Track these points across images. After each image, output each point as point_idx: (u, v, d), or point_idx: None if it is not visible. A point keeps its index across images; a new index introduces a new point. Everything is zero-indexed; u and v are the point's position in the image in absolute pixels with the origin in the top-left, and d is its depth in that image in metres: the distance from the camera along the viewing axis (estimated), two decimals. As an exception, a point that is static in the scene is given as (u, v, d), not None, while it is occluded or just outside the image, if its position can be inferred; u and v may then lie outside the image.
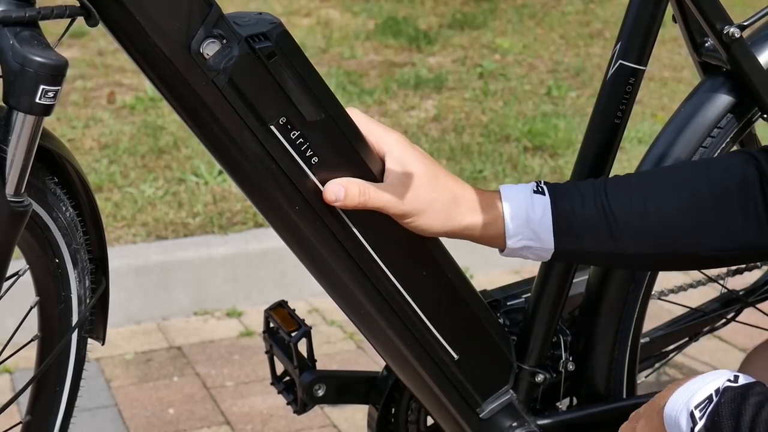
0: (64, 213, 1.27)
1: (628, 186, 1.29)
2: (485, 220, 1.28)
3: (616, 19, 5.01)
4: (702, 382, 1.08)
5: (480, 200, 1.28)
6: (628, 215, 1.27)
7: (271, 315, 1.53)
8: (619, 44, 1.48)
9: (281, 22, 1.19)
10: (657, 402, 1.12)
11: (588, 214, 1.27)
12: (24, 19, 1.06)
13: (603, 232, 1.27)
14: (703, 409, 1.05)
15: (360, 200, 1.22)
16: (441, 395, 1.42)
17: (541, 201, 1.28)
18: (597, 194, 1.28)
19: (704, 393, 1.06)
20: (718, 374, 1.09)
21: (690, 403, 1.07)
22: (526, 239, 1.28)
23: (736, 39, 1.49)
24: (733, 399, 1.04)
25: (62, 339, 1.35)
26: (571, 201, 1.28)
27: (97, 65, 4.25)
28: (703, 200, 1.26)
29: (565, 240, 1.28)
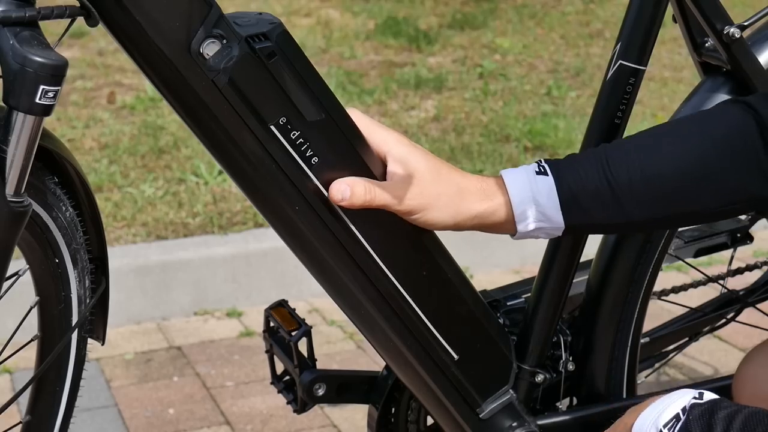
0: (64, 213, 1.27)
1: (629, 152, 1.28)
2: (493, 208, 1.28)
3: (616, 19, 5.01)
4: (669, 401, 1.08)
5: (485, 189, 1.28)
6: (633, 182, 1.26)
7: (272, 314, 1.53)
8: (620, 44, 1.48)
9: (281, 22, 1.19)
10: (622, 425, 1.13)
11: (593, 187, 1.26)
12: (24, 19, 1.06)
13: (610, 202, 1.26)
14: (672, 428, 1.06)
15: (366, 199, 1.21)
16: (441, 395, 1.42)
17: (545, 182, 1.27)
18: (599, 165, 1.27)
19: (671, 412, 1.07)
20: (683, 393, 1.09)
21: (658, 423, 1.07)
22: (536, 221, 1.28)
23: (736, 39, 1.49)
24: (702, 415, 1.04)
25: (62, 339, 1.35)
26: (575, 176, 1.27)
27: (97, 65, 4.25)
28: (706, 157, 1.25)
29: (574, 215, 1.27)
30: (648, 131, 1.31)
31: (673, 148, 1.27)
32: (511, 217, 1.28)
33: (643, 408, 1.11)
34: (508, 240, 2.89)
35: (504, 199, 1.28)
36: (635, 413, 1.12)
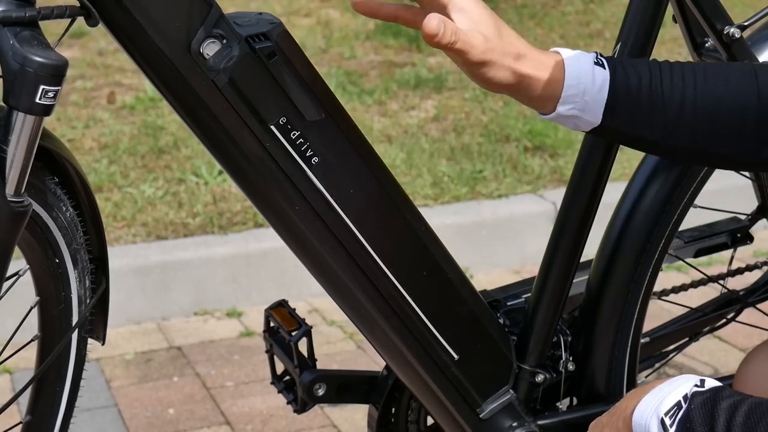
0: (64, 213, 1.27)
1: (683, 77, 1.26)
2: (544, 81, 1.24)
3: (616, 19, 5.01)
4: (669, 387, 1.07)
5: (542, 60, 1.25)
6: (680, 106, 1.24)
7: (272, 314, 1.53)
8: (620, 44, 1.48)
9: (281, 22, 1.19)
10: (621, 410, 1.12)
11: (642, 97, 1.24)
12: (24, 19, 1.06)
13: (653, 117, 1.24)
14: (673, 416, 1.05)
15: (452, 39, 1.17)
16: (441, 395, 1.42)
17: (601, 74, 1.25)
18: (653, 78, 1.25)
19: (672, 399, 1.06)
20: (684, 379, 1.08)
21: (659, 410, 1.06)
22: (577, 109, 1.25)
23: (736, 39, 1.49)
24: (704, 404, 1.04)
25: (62, 339, 1.35)
26: (629, 80, 1.25)
27: (97, 65, 4.25)
28: (749, 110, 1.24)
29: (614, 117, 1.25)
30: (706, 65, 1.30)
31: (725, 90, 1.25)
32: (557, 95, 1.24)
33: (643, 393, 1.10)
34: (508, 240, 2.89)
35: (558, 76, 1.24)
36: (635, 398, 1.11)
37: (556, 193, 3.16)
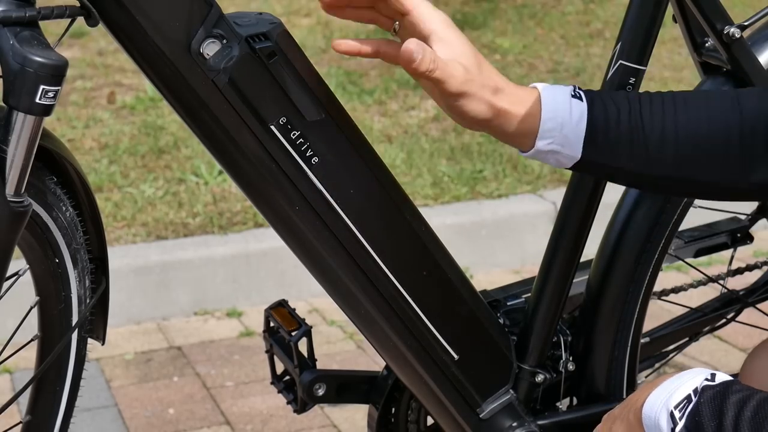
0: (64, 213, 1.27)
1: (663, 107, 1.26)
2: (521, 116, 1.24)
3: (616, 19, 5.01)
4: (679, 381, 1.07)
5: (519, 95, 1.25)
6: (661, 137, 1.24)
7: (272, 314, 1.53)
8: (620, 44, 1.48)
9: (281, 22, 1.19)
10: (633, 402, 1.12)
11: (622, 129, 1.23)
12: (24, 19, 1.06)
13: (634, 149, 1.24)
14: (683, 409, 1.04)
15: (431, 67, 1.16)
16: (441, 395, 1.42)
17: (578, 106, 1.24)
18: (633, 110, 1.25)
19: (683, 393, 1.05)
20: (695, 373, 1.08)
21: (669, 404, 1.06)
22: (556, 143, 1.24)
23: (736, 39, 1.49)
24: (713, 398, 1.03)
25: (62, 339, 1.35)
26: (607, 112, 1.24)
27: (97, 65, 4.25)
28: (732, 135, 1.23)
29: (594, 150, 1.24)
30: (685, 94, 1.30)
31: (707, 119, 1.25)
32: (534, 130, 1.23)
33: (653, 387, 1.10)
34: (508, 240, 2.90)
35: (535, 111, 1.24)
36: (646, 391, 1.10)
37: (556, 193, 3.16)
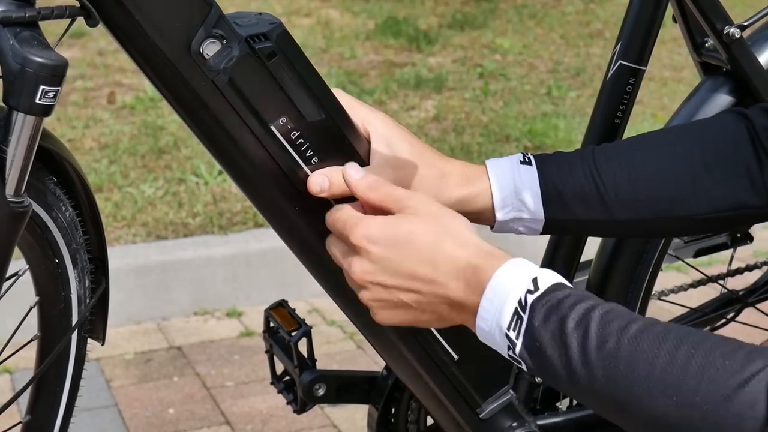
0: (64, 213, 1.27)
1: (617, 152, 1.27)
2: (473, 193, 1.26)
3: (616, 19, 5.01)
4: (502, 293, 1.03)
5: (467, 174, 1.26)
6: (618, 181, 1.25)
7: (272, 314, 1.53)
8: (620, 44, 1.48)
9: (281, 22, 1.19)
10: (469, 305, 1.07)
11: (577, 182, 1.25)
12: (24, 19, 1.06)
13: (593, 200, 1.25)
14: (516, 328, 1.02)
15: (345, 188, 1.18)
16: (441, 395, 1.42)
17: (528, 171, 1.26)
18: (585, 162, 1.26)
19: (509, 310, 1.02)
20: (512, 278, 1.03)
21: (501, 324, 1.03)
22: (515, 210, 1.26)
23: (736, 39, 1.49)
24: (546, 317, 0.99)
25: (62, 339, 1.35)
26: (559, 169, 1.26)
27: (97, 65, 4.25)
28: (695, 163, 1.24)
29: (556, 210, 1.26)
30: (638, 135, 1.31)
31: (662, 151, 1.26)
32: (490, 204, 1.26)
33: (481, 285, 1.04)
34: (508, 240, 2.90)
35: (485, 185, 1.26)
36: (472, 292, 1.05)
37: (556, 193, 3.16)
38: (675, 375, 0.92)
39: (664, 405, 0.92)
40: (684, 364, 0.92)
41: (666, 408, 0.92)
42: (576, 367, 0.97)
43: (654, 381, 0.93)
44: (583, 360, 0.96)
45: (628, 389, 0.94)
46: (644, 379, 0.93)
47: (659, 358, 0.93)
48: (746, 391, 0.89)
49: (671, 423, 0.92)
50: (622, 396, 0.95)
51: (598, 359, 0.96)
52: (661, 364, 0.93)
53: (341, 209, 1.14)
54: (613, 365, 0.95)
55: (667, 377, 0.92)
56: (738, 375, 0.90)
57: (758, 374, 0.89)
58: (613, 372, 0.95)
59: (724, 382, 0.90)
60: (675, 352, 0.93)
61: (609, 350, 0.95)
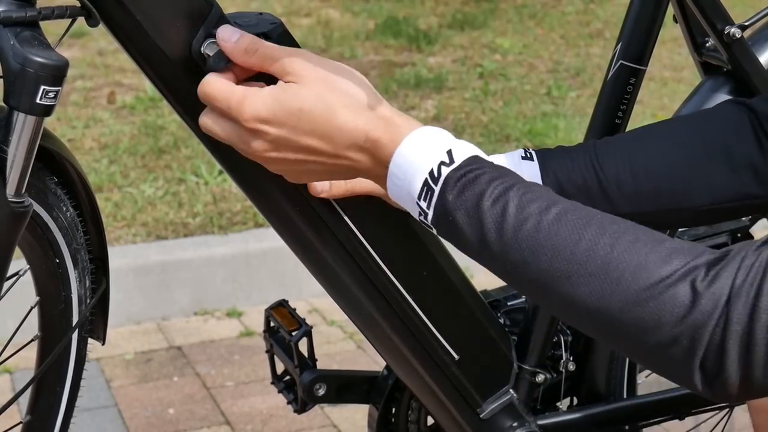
0: (65, 213, 1.27)
1: (619, 146, 1.26)
2: None
3: (616, 19, 5.01)
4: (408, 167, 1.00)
5: None
6: (620, 174, 1.24)
7: (272, 314, 1.53)
8: (620, 44, 1.48)
9: (282, 22, 1.19)
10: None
11: (579, 176, 1.24)
12: (24, 19, 1.06)
13: (595, 193, 1.24)
14: (428, 199, 0.99)
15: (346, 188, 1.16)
16: (441, 395, 1.42)
17: (529, 166, 1.24)
18: (587, 155, 1.25)
19: (419, 180, 0.99)
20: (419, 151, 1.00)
21: (412, 192, 1.00)
22: None
23: (736, 39, 1.49)
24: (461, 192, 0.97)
25: (63, 339, 1.35)
26: (561, 163, 1.24)
27: (97, 65, 4.25)
28: (697, 154, 1.23)
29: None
30: (640, 128, 1.30)
31: (664, 143, 1.25)
32: None
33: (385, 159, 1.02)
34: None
35: None
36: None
37: (556, 193, 3.16)
38: (596, 264, 0.90)
39: (583, 292, 0.90)
40: (606, 254, 0.90)
41: (584, 296, 0.90)
42: (491, 245, 0.95)
43: (574, 268, 0.91)
44: (499, 240, 0.94)
45: (545, 273, 0.92)
46: (564, 264, 0.91)
47: (580, 244, 0.91)
48: (666, 284, 0.87)
49: (589, 309, 0.90)
50: (538, 278, 0.93)
51: (515, 240, 0.93)
52: (582, 251, 0.91)
53: (215, 82, 1.07)
54: (530, 248, 0.93)
55: (588, 265, 0.90)
56: (660, 269, 0.88)
57: (680, 270, 0.88)
58: (529, 255, 0.93)
59: (646, 274, 0.88)
60: (597, 240, 0.91)
61: (527, 232, 0.93)
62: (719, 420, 1.83)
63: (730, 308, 0.85)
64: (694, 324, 0.86)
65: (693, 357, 0.86)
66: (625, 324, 0.88)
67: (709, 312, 0.85)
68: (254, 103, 1.05)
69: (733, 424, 2.05)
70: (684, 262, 0.89)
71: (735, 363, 0.85)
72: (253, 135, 1.06)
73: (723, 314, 0.85)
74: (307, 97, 1.04)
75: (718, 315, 0.85)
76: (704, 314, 0.86)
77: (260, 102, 1.05)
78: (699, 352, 0.86)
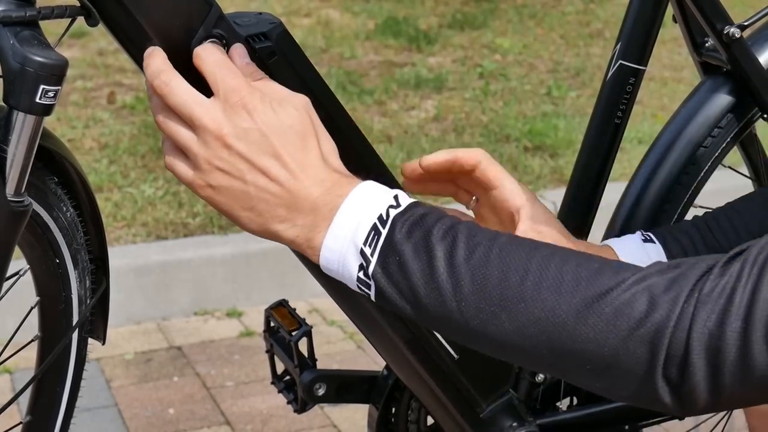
0: (65, 213, 1.27)
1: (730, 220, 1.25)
2: None
3: (616, 19, 5.01)
4: (361, 208, 0.97)
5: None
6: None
7: (272, 314, 1.53)
8: (620, 44, 1.48)
9: (281, 22, 1.19)
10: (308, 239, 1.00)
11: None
12: (24, 18, 1.06)
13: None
14: (373, 245, 0.96)
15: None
16: (441, 395, 1.42)
17: (654, 250, 1.23)
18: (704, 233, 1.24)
19: (367, 224, 0.97)
20: (372, 194, 0.98)
21: (356, 240, 0.97)
22: None
23: (736, 39, 1.49)
24: (410, 231, 0.95)
25: (63, 339, 1.35)
26: (683, 244, 1.24)
27: (97, 65, 4.25)
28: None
29: None
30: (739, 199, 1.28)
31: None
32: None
33: (327, 217, 0.98)
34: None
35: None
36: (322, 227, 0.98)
37: (556, 193, 3.16)
38: (550, 277, 0.90)
39: (538, 310, 0.89)
40: (559, 268, 0.90)
41: (539, 314, 0.89)
42: (440, 277, 0.93)
43: (528, 286, 0.90)
44: (450, 270, 0.93)
45: (499, 296, 0.91)
46: (517, 286, 0.90)
47: (531, 264, 0.91)
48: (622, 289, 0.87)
49: (545, 328, 0.89)
50: (491, 305, 0.91)
51: (467, 267, 0.92)
52: (534, 269, 0.91)
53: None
54: (483, 273, 0.92)
55: (543, 281, 0.90)
56: (615, 276, 0.88)
57: (634, 276, 0.87)
58: (483, 280, 0.91)
59: (600, 282, 0.88)
60: (550, 258, 0.91)
61: (479, 258, 0.92)
62: (719, 420, 1.83)
63: (695, 313, 0.84)
64: (652, 328, 0.85)
65: (655, 364, 0.85)
66: (581, 338, 0.88)
67: (666, 315, 0.85)
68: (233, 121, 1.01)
69: (733, 424, 2.05)
70: (638, 270, 0.89)
71: (702, 369, 0.84)
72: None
73: (683, 318, 0.84)
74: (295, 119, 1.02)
75: (676, 318, 0.84)
76: (662, 317, 0.85)
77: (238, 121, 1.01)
78: (660, 357, 0.85)
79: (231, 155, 1.00)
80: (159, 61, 1.05)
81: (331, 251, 0.99)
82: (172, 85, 1.03)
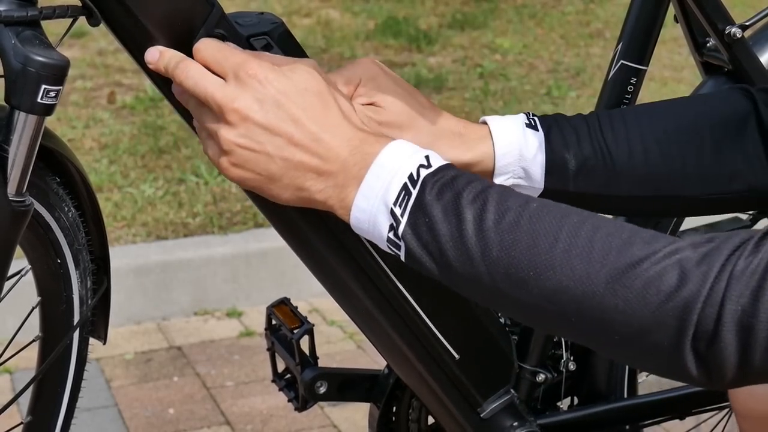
0: (66, 213, 1.27)
1: (624, 123, 1.21)
2: (471, 158, 1.18)
3: (616, 19, 5.01)
4: (391, 167, 0.96)
5: (463, 133, 1.19)
6: (623, 155, 1.19)
7: (274, 312, 1.53)
8: (621, 44, 1.48)
9: (283, 21, 1.19)
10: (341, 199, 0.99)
11: (583, 153, 1.19)
12: (26, 18, 1.06)
13: (596, 173, 1.19)
14: (403, 204, 0.95)
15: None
16: (442, 395, 1.42)
17: (534, 136, 1.18)
18: (592, 131, 1.20)
19: (398, 184, 0.95)
20: (402, 153, 0.97)
21: (387, 200, 0.96)
22: (515, 177, 1.18)
23: (737, 39, 1.49)
24: (440, 192, 0.94)
25: (64, 339, 1.35)
26: (566, 138, 1.19)
27: (97, 65, 4.25)
28: (704, 140, 1.19)
29: (556, 180, 1.19)
30: (644, 106, 1.25)
31: (668, 126, 1.21)
32: (489, 169, 1.18)
33: (358, 176, 0.97)
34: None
35: (487, 149, 1.18)
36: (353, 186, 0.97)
37: (556, 193, 3.16)
38: (580, 246, 0.89)
39: (567, 278, 0.89)
40: (589, 237, 0.89)
41: (568, 282, 0.89)
42: (469, 241, 0.92)
43: (557, 254, 0.89)
44: (479, 233, 0.92)
45: (528, 262, 0.90)
46: (546, 252, 0.89)
47: (562, 231, 0.90)
48: (653, 261, 0.86)
49: (573, 298, 0.88)
50: (519, 271, 0.90)
51: (496, 232, 0.91)
52: (564, 237, 0.90)
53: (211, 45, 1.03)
54: (513, 238, 0.91)
55: (573, 249, 0.89)
56: (646, 247, 0.87)
57: (666, 248, 0.87)
58: (512, 245, 0.91)
59: (632, 252, 0.87)
60: (580, 225, 0.90)
61: (508, 223, 0.91)
62: (719, 420, 1.83)
63: (727, 289, 0.83)
64: (682, 301, 0.84)
65: (683, 337, 0.85)
66: (610, 308, 0.87)
67: (697, 290, 0.84)
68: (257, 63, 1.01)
69: (734, 424, 2.05)
70: (669, 242, 0.88)
71: (732, 344, 0.83)
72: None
73: (714, 293, 0.84)
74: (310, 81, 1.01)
75: (707, 293, 0.84)
76: (693, 292, 0.84)
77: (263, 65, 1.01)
78: (689, 331, 0.84)
79: (249, 128, 1.00)
80: (170, 53, 1.05)
81: (362, 211, 0.98)
82: (189, 72, 1.03)
